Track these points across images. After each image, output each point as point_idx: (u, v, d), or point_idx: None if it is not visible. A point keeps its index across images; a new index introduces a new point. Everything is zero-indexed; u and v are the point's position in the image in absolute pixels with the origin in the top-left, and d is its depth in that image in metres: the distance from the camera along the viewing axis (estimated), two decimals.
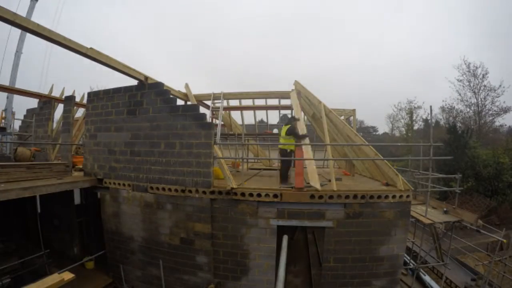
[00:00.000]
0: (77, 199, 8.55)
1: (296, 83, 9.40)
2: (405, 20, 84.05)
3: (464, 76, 28.44)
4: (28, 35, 4.93)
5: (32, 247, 7.97)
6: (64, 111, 8.60)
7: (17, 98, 13.77)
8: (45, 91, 11.85)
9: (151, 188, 6.63)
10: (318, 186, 5.80)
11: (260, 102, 11.97)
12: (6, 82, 14.44)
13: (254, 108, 12.61)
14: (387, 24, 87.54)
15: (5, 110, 15.61)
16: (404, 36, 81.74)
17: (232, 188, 5.97)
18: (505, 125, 29.49)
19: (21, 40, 16.44)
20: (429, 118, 30.31)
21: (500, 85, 26.66)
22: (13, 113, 13.74)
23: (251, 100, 11.81)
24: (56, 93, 12.00)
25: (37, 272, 7.04)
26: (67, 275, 3.92)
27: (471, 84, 28.31)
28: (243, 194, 5.98)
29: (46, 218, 8.45)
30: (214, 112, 10.17)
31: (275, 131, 12.89)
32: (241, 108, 12.61)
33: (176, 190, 6.37)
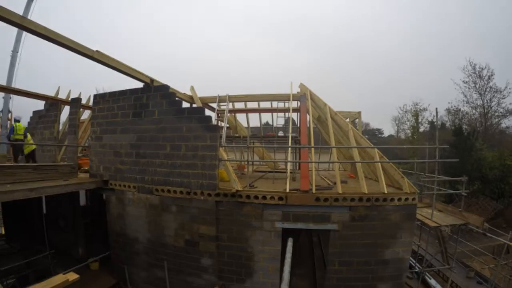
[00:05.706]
0: (82, 201, 8.63)
1: (302, 86, 9.39)
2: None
3: (470, 77, 28.18)
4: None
5: (37, 248, 8.04)
6: (70, 113, 8.67)
7: (18, 99, 13.89)
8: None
9: (156, 190, 6.65)
10: None
11: (265, 104, 11.93)
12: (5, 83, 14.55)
13: (259, 110, 12.60)
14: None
15: (1, 111, 15.68)
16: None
17: (237, 191, 5.98)
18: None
19: (17, 40, 16.47)
20: (434, 120, 30.02)
21: (506, 87, 26.36)
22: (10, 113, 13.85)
23: (256, 102, 11.80)
24: (62, 95, 12.07)
25: (42, 272, 7.09)
26: (72, 276, 3.93)
27: (477, 86, 28.02)
28: (248, 197, 5.98)
29: (52, 219, 8.54)
30: (219, 115, 10.18)
31: (281, 133, 12.87)
32: (246, 111, 12.61)
33: (181, 192, 6.39)
